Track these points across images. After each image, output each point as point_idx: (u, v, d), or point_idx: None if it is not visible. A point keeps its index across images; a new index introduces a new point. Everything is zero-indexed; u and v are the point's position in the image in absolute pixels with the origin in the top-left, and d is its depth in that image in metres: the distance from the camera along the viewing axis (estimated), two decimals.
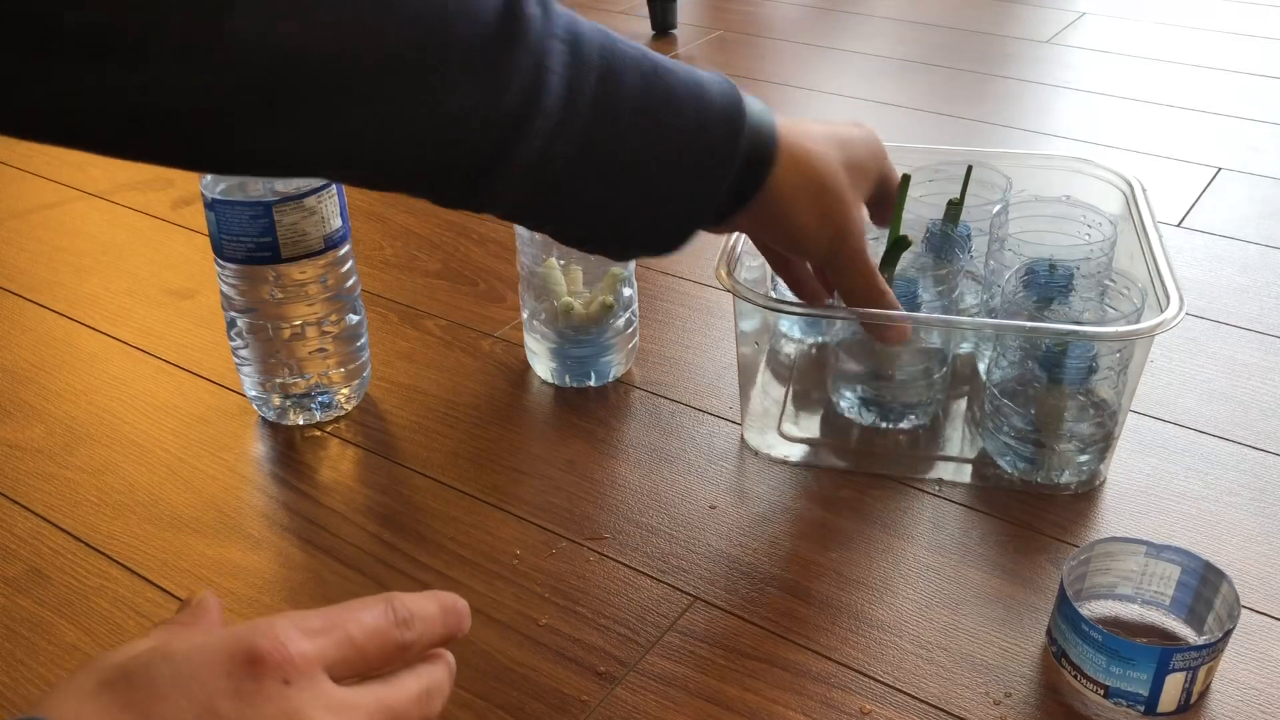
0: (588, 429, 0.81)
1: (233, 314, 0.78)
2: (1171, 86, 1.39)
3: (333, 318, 0.79)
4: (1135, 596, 0.65)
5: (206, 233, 0.76)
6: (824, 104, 1.37)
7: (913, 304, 0.78)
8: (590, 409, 0.83)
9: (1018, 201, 0.85)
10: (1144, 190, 0.83)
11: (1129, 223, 0.82)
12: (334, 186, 0.76)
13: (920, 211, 0.86)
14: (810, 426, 0.81)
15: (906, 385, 0.80)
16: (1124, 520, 0.72)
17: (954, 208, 0.86)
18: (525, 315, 0.85)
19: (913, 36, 1.58)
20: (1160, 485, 0.75)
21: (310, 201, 0.74)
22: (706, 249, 1.00)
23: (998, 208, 0.84)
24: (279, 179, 0.73)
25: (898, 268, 0.78)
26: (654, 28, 1.58)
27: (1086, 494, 0.74)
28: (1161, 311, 0.69)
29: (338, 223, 0.76)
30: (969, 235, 0.87)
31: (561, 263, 0.84)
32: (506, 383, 0.86)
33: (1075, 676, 0.60)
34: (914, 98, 1.38)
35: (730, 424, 0.81)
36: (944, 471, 0.77)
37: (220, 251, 0.75)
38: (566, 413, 0.83)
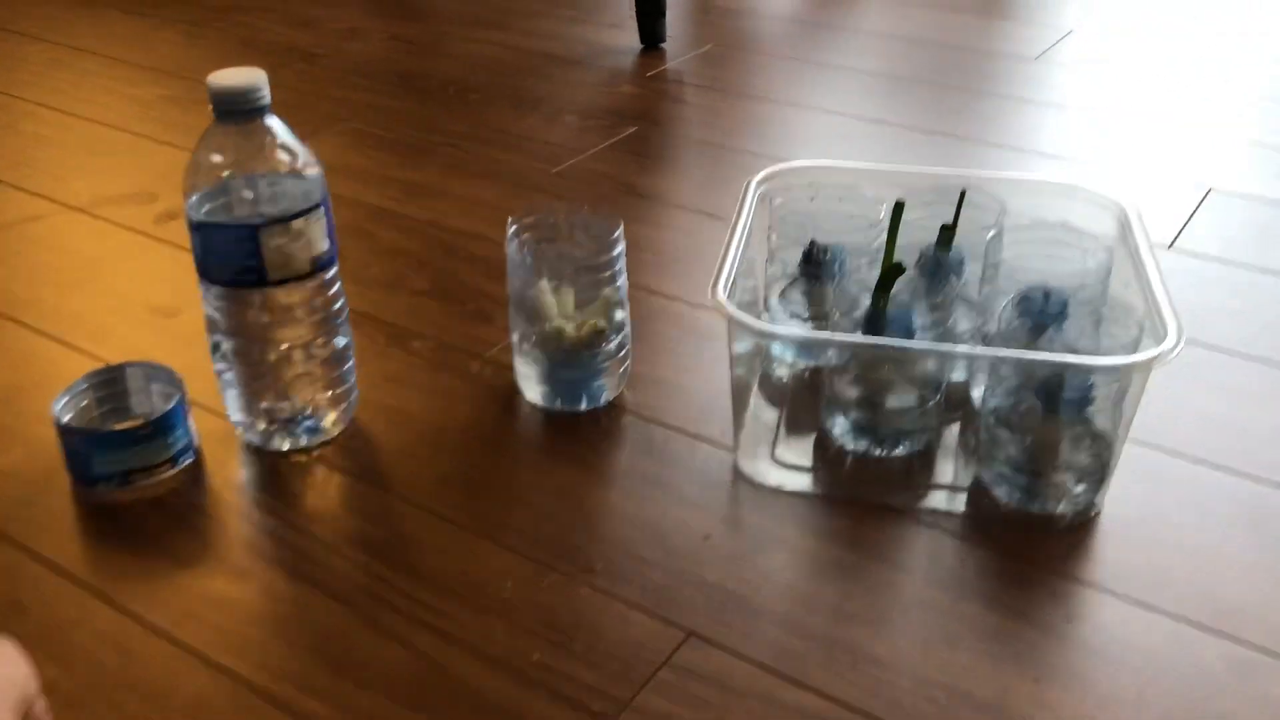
0: (579, 455, 0.80)
1: (217, 337, 0.77)
2: (1160, 104, 1.39)
3: (320, 341, 0.78)
4: None
5: (191, 249, 0.75)
6: (814, 120, 1.36)
7: (907, 331, 0.77)
8: (581, 434, 0.82)
9: (1012, 227, 0.84)
10: (1138, 215, 0.83)
11: (1124, 248, 0.82)
12: (322, 208, 0.74)
13: (913, 236, 0.86)
14: (803, 453, 0.81)
15: (900, 412, 0.79)
16: (1120, 553, 0.71)
17: (947, 232, 0.85)
18: (515, 338, 0.84)
19: (901, 52, 1.57)
20: (1157, 516, 0.74)
21: (298, 224, 0.73)
22: (699, 269, 1.02)
23: (992, 233, 0.83)
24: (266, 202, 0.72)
25: (891, 293, 0.77)
26: (642, 41, 1.57)
27: (1082, 525, 0.74)
28: (1159, 341, 0.69)
29: (325, 245, 0.75)
30: (963, 260, 0.86)
31: (553, 284, 0.83)
32: (496, 406, 0.85)
33: None
34: (902, 114, 1.38)
35: (724, 450, 0.80)
36: (938, 500, 0.76)
37: (205, 274, 0.74)
38: (557, 438, 0.82)
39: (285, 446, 0.80)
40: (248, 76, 0.70)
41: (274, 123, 0.72)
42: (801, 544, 0.72)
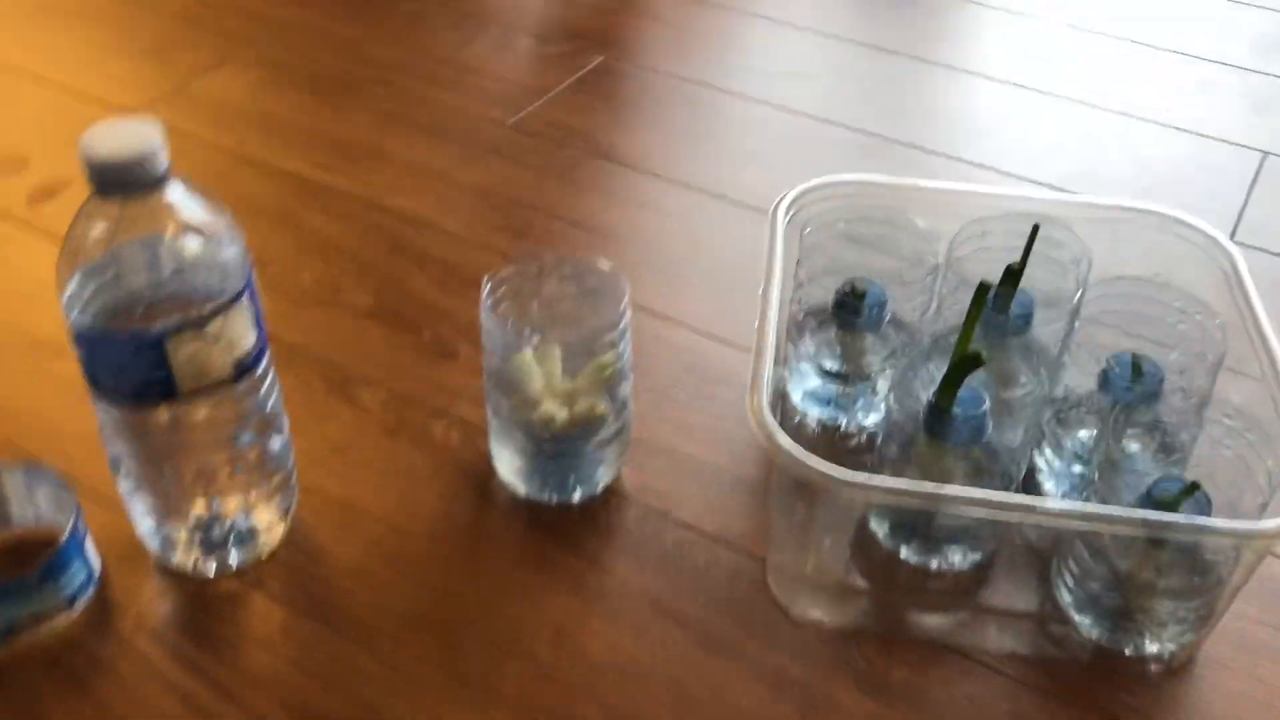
0: (576, 572, 0.66)
1: (116, 452, 0.60)
2: (1196, 32, 1.23)
3: (250, 450, 0.61)
4: None
5: (75, 350, 0.57)
6: (809, 45, 1.18)
7: (978, 430, 0.63)
8: (576, 538, 0.68)
9: (1096, 281, 0.70)
10: (1246, 269, 0.69)
11: (1235, 310, 0.68)
12: (246, 294, 0.57)
13: (965, 269, 0.71)
14: (846, 564, 0.67)
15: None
16: (1222, 707, 0.61)
17: (1013, 276, 0.70)
18: (490, 413, 0.69)
19: None
20: (1269, 662, 0.63)
21: (215, 325, 0.55)
22: (700, 276, 0.79)
23: (1078, 294, 0.69)
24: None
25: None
26: None
27: (1178, 669, 0.62)
28: None
29: (251, 339, 0.58)
30: (1031, 309, 0.71)
31: (534, 340, 0.67)
32: (469, 493, 0.70)
33: None
34: (877, 31, 1.19)
35: (750, 559, 0.67)
36: (1003, 631, 0.64)
37: (95, 384, 0.57)
38: (547, 545, 0.67)
39: (211, 571, 0.64)
40: (138, 140, 0.51)
41: (176, 194, 0.54)
42: (857, 707, 0.60)
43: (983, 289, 0.62)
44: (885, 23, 1.23)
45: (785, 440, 0.56)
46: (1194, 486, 0.59)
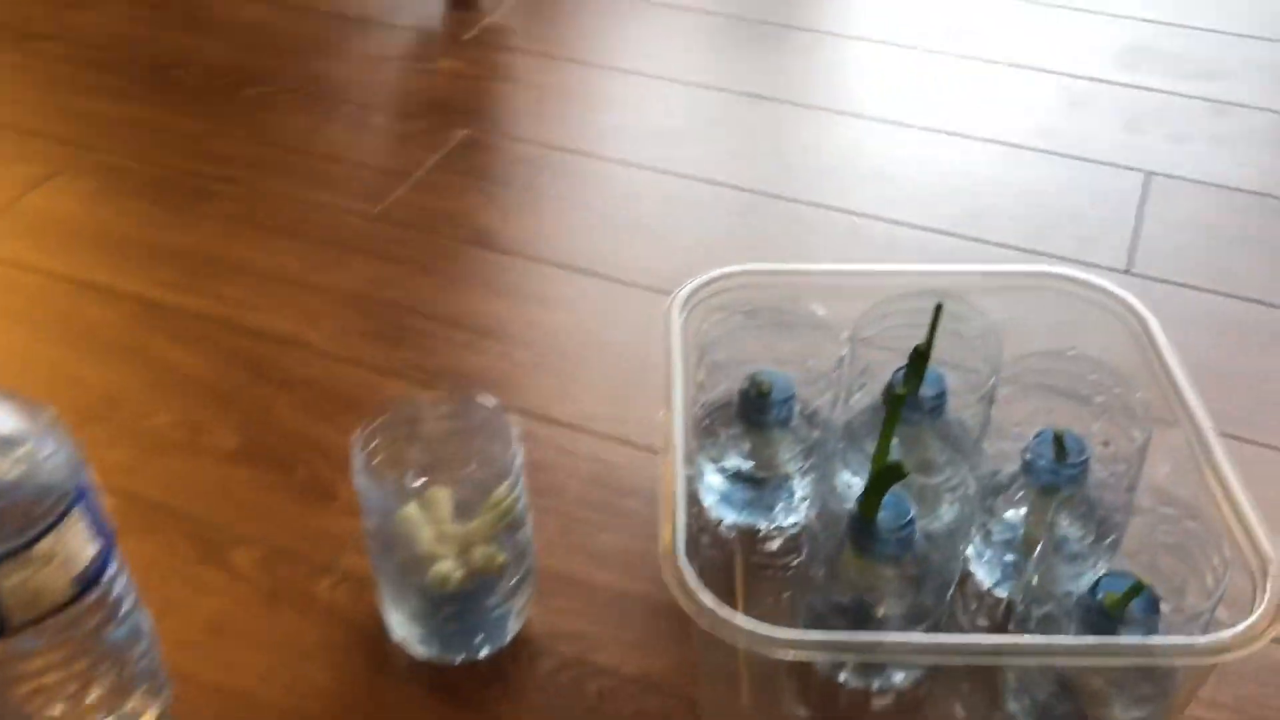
0: None
1: None
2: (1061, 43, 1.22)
3: (105, 671, 0.54)
4: None
5: None
6: (681, 97, 1.13)
7: (905, 545, 0.59)
8: (486, 701, 0.61)
9: (1010, 358, 0.66)
10: (1160, 331, 0.66)
11: (1151, 374, 0.65)
12: (80, 502, 0.49)
13: (871, 355, 0.67)
14: (783, 699, 0.62)
15: (884, 621, 0.62)
16: None
17: (921, 357, 0.66)
18: (377, 575, 0.62)
19: None
20: None
21: (44, 547, 0.48)
22: (593, 374, 0.73)
23: (992, 380, 0.65)
24: None
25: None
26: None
27: None
28: (1253, 576, 0.53)
29: (91, 549, 0.50)
30: (943, 390, 0.67)
31: (418, 484, 0.61)
32: (362, 662, 0.63)
33: None
34: (746, 77, 1.15)
35: (680, 701, 0.61)
36: None
37: None
38: (453, 712, 0.61)
39: None
40: None
41: None
42: None
43: (897, 398, 0.58)
44: (752, 66, 1.19)
45: (709, 599, 0.51)
46: (1139, 587, 0.55)
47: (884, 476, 0.58)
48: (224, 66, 1.16)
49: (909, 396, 0.65)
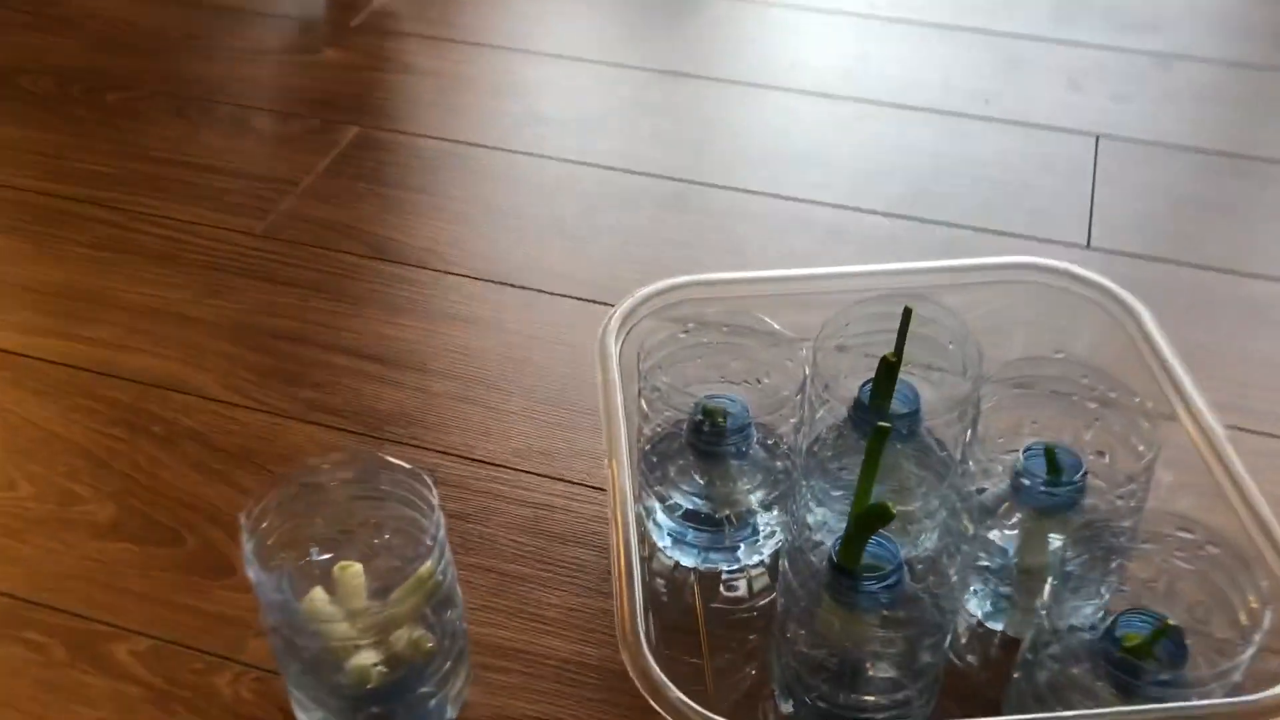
0: None
1: None
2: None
3: None
4: None
5: None
6: (551, 72, 1.04)
7: (896, 585, 0.51)
8: None
9: (998, 366, 0.59)
10: (1155, 325, 0.59)
11: (1140, 362, 0.58)
12: None
13: (833, 368, 0.60)
14: None
15: (888, 683, 0.55)
16: None
17: (891, 368, 0.59)
18: (285, 676, 0.53)
19: None
20: None
21: None
22: (525, 416, 0.62)
23: (971, 390, 0.58)
24: None
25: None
26: None
27: None
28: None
29: None
30: (917, 405, 0.60)
31: (326, 557, 0.52)
32: None
33: None
34: (662, 53, 1.07)
35: None
36: None
37: None
38: None
39: None
40: None
41: None
42: None
43: (881, 431, 0.50)
44: (667, 41, 1.10)
45: (675, 694, 0.43)
46: (1164, 629, 0.49)
47: (867, 521, 0.50)
48: (82, 67, 1.03)
49: (877, 416, 0.58)
